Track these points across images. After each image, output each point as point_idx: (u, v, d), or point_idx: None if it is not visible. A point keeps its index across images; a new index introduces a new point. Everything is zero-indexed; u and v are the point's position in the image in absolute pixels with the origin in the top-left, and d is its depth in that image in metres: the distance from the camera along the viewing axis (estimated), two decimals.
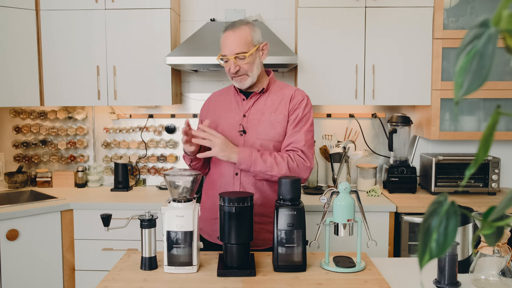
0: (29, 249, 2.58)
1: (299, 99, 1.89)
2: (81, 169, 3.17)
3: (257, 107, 1.90)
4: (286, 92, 1.92)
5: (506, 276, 1.39)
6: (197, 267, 1.57)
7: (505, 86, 2.79)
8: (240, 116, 1.90)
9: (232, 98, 1.96)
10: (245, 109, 1.90)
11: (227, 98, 1.98)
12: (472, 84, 0.52)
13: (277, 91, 1.93)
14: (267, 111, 1.88)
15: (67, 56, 2.92)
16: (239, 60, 1.81)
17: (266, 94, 1.92)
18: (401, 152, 2.99)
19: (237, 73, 1.83)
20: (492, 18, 0.53)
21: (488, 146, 0.56)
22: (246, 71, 1.83)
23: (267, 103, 1.90)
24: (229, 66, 1.83)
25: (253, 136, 1.86)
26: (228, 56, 1.81)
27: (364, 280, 1.50)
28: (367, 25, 2.82)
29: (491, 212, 0.58)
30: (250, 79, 1.85)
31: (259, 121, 1.87)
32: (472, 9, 2.83)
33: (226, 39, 1.83)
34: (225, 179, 1.88)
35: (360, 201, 1.61)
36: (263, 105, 1.90)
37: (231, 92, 1.99)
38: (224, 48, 1.83)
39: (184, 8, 3.20)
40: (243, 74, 1.84)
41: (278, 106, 1.89)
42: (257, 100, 1.91)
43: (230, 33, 1.82)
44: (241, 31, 1.81)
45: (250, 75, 1.85)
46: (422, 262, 0.59)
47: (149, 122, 3.25)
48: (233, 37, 1.81)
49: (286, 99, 1.90)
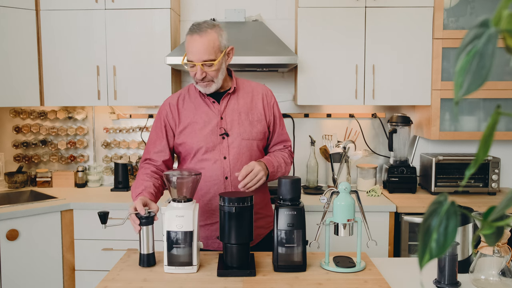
0: (29, 249, 2.58)
1: (272, 98, 1.97)
2: (81, 169, 3.17)
3: (231, 108, 1.87)
4: (254, 90, 1.94)
5: (506, 276, 1.39)
6: (197, 267, 1.57)
7: (505, 86, 2.79)
8: (218, 119, 1.85)
9: (200, 101, 1.89)
10: (220, 111, 1.86)
11: (194, 102, 1.89)
12: (472, 84, 0.52)
13: (244, 89, 1.93)
14: (243, 111, 1.87)
15: (67, 56, 2.92)
16: (206, 67, 1.76)
17: (235, 93, 1.90)
18: (401, 152, 2.99)
19: (203, 79, 1.79)
20: (492, 18, 0.53)
21: (488, 146, 0.56)
22: (212, 78, 1.79)
23: (240, 103, 1.89)
24: (195, 72, 1.78)
25: (236, 138, 1.84)
26: (195, 62, 1.75)
27: (364, 280, 1.50)
28: (367, 25, 2.82)
29: (491, 212, 0.58)
30: (215, 85, 1.82)
31: (238, 122, 1.86)
32: (472, 9, 2.83)
33: (192, 43, 1.74)
34: (215, 184, 1.85)
35: (360, 201, 1.61)
36: (236, 105, 1.88)
37: (195, 96, 1.91)
38: (190, 53, 1.75)
39: (184, 8, 3.20)
40: (209, 80, 1.80)
41: (251, 104, 1.90)
42: (229, 100, 1.89)
43: (197, 37, 1.73)
44: (208, 36, 1.74)
45: (215, 81, 1.81)
46: (422, 262, 0.59)
47: (149, 122, 3.25)
48: (200, 43, 1.73)
49: (257, 97, 1.92)
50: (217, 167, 1.83)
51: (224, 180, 1.84)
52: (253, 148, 1.87)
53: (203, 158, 1.85)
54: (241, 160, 1.85)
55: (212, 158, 1.84)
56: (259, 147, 1.90)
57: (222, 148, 1.84)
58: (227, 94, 1.88)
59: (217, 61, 1.76)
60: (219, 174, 1.84)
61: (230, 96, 1.89)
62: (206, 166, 1.84)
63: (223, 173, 1.84)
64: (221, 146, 1.84)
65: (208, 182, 1.85)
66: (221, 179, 1.84)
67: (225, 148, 1.84)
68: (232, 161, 1.84)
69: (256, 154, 1.89)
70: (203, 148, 1.84)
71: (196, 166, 1.86)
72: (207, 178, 1.84)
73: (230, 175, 1.84)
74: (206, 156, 1.84)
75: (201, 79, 1.78)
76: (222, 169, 1.83)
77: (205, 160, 1.84)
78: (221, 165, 1.83)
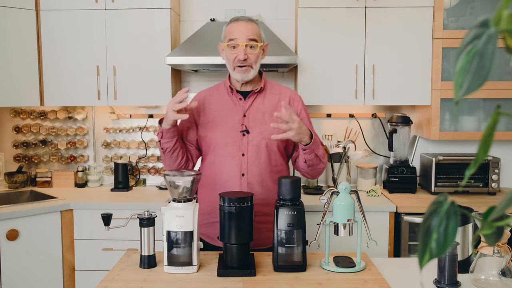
0: (29, 249, 2.58)
1: (300, 102, 1.95)
2: (81, 169, 3.17)
3: (256, 107, 1.89)
4: (282, 92, 1.94)
5: (506, 276, 1.39)
6: (197, 267, 1.57)
7: (505, 86, 2.79)
8: (240, 116, 1.88)
9: (227, 97, 1.92)
10: (244, 108, 1.89)
11: (221, 98, 1.93)
12: (472, 84, 0.52)
13: (271, 91, 1.94)
14: (267, 111, 1.88)
15: (67, 56, 2.92)
16: (249, 49, 1.81)
17: (262, 93, 1.92)
18: (401, 152, 2.99)
19: (244, 61, 1.80)
20: (492, 18, 0.53)
21: (488, 146, 0.56)
22: (251, 63, 1.82)
23: (266, 103, 1.90)
24: (236, 54, 1.80)
25: (257, 136, 1.85)
26: (239, 41, 1.79)
27: (364, 280, 1.50)
28: (367, 25, 2.82)
29: (491, 212, 0.58)
30: (253, 72, 1.84)
31: (261, 121, 1.86)
32: (472, 9, 2.83)
33: (238, 26, 1.81)
34: (231, 181, 1.85)
35: (360, 201, 1.61)
36: (262, 105, 1.89)
37: (223, 91, 1.94)
38: (234, 32, 1.80)
39: (184, 8, 3.20)
40: (249, 64, 1.82)
41: (277, 106, 1.89)
42: (255, 99, 1.90)
43: (243, 22, 1.82)
44: (253, 24, 1.84)
45: (254, 67, 1.84)
46: (422, 262, 0.59)
47: (149, 122, 3.25)
48: (246, 26, 1.81)
49: (285, 100, 1.91)
50: (235, 163, 1.84)
51: (240, 177, 1.84)
52: (272, 149, 1.87)
53: (222, 153, 1.86)
54: (259, 158, 1.85)
55: (230, 154, 1.85)
56: (279, 148, 1.89)
57: (242, 145, 1.85)
58: (254, 93, 1.90)
59: (259, 45, 1.82)
60: (236, 170, 1.84)
61: (256, 95, 1.91)
62: (224, 161, 1.85)
63: (240, 169, 1.84)
64: (241, 143, 1.85)
65: (224, 178, 1.85)
66: (237, 175, 1.84)
67: (244, 145, 1.85)
68: (250, 158, 1.84)
69: (275, 155, 1.88)
70: (223, 143, 1.85)
71: (216, 161, 1.87)
72: (224, 173, 1.85)
73: (246, 173, 1.84)
74: (225, 151, 1.85)
75: (243, 59, 1.79)
76: (239, 165, 1.84)
77: (224, 155, 1.85)
78: (238, 161, 1.84)
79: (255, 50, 1.81)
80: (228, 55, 1.84)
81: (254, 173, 1.84)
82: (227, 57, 1.85)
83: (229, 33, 1.83)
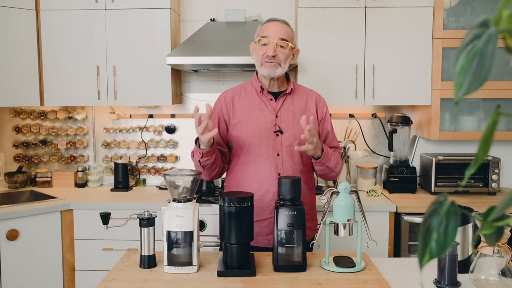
0: (29, 249, 2.58)
1: (325, 104, 2.01)
2: (81, 169, 3.17)
3: (287, 108, 1.91)
4: (309, 94, 1.99)
5: (506, 276, 1.39)
6: (197, 267, 1.57)
7: (505, 86, 2.79)
8: (273, 117, 1.89)
9: (257, 98, 1.93)
10: (275, 109, 1.90)
11: (250, 98, 1.94)
12: (472, 84, 0.52)
13: (299, 92, 1.98)
14: (298, 112, 1.91)
15: (67, 56, 2.92)
16: (279, 48, 1.83)
17: (291, 95, 1.95)
18: (401, 152, 2.99)
19: (273, 58, 1.83)
20: (492, 18, 0.53)
21: (488, 146, 0.56)
22: (280, 61, 1.84)
23: (295, 104, 1.93)
24: (265, 50, 1.83)
25: (290, 136, 1.87)
26: (271, 38, 1.82)
27: (364, 280, 1.50)
28: (367, 25, 2.82)
29: (491, 212, 0.58)
30: (280, 70, 1.86)
31: (293, 122, 1.89)
32: (472, 9, 2.83)
33: (272, 25, 1.86)
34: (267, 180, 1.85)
35: (360, 201, 1.61)
36: (291, 106, 1.92)
37: (251, 92, 1.95)
38: (268, 30, 1.85)
39: (184, 8, 3.20)
40: (277, 62, 1.84)
41: (306, 107, 1.94)
42: (285, 100, 1.93)
43: (278, 23, 1.86)
44: (287, 26, 1.88)
45: (282, 66, 1.86)
46: (422, 262, 0.59)
47: (149, 122, 3.25)
48: (280, 26, 1.85)
49: (311, 102, 1.96)
50: (271, 163, 1.86)
51: (277, 177, 1.86)
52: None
53: (257, 153, 1.87)
54: (293, 158, 1.88)
55: (265, 154, 1.86)
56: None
57: (276, 145, 1.87)
58: (284, 94, 1.92)
59: (290, 44, 1.85)
60: (272, 170, 1.86)
61: (286, 96, 1.93)
62: (259, 161, 1.87)
63: (276, 169, 1.86)
64: (275, 143, 1.87)
65: (261, 178, 1.86)
66: (274, 175, 1.86)
67: (278, 145, 1.87)
68: (285, 158, 1.87)
69: (305, 155, 1.90)
70: (257, 143, 1.87)
71: (249, 160, 1.88)
72: (260, 174, 1.87)
73: (282, 172, 1.86)
74: (259, 151, 1.87)
75: (272, 56, 1.82)
76: (275, 165, 1.86)
77: (258, 155, 1.87)
78: (274, 161, 1.86)
79: (285, 49, 1.84)
80: (258, 50, 1.87)
81: (289, 172, 1.87)
82: (257, 52, 1.88)
83: (263, 31, 1.87)
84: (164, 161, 3.24)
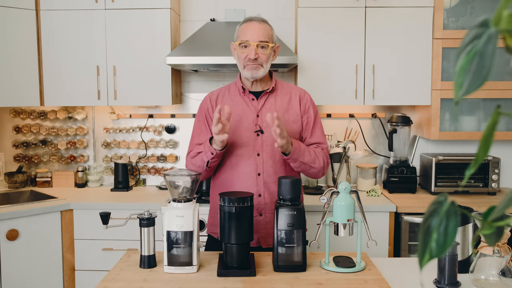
0: (29, 249, 2.58)
1: (308, 99, 1.98)
2: (81, 169, 3.17)
3: (269, 107, 1.91)
4: (293, 91, 1.97)
5: (506, 276, 1.39)
6: (197, 267, 1.57)
7: (505, 86, 2.79)
8: (254, 116, 1.89)
9: (239, 98, 1.94)
10: (257, 109, 1.91)
11: (233, 99, 1.95)
12: (472, 84, 0.52)
13: (283, 90, 1.97)
14: (280, 111, 1.90)
15: (67, 56, 2.92)
16: (260, 49, 1.84)
17: (274, 93, 1.94)
18: (401, 152, 2.99)
19: (255, 60, 1.83)
20: (492, 18, 0.53)
21: (488, 146, 0.56)
22: (262, 62, 1.85)
23: (277, 103, 1.92)
24: (246, 53, 1.84)
25: (271, 136, 1.86)
26: (251, 41, 1.82)
27: (364, 280, 1.50)
28: (367, 25, 2.82)
29: (491, 212, 0.58)
30: (263, 70, 1.86)
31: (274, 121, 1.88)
32: (472, 9, 2.83)
33: (250, 27, 1.85)
34: (247, 180, 1.86)
35: (360, 201, 1.61)
36: (274, 105, 1.92)
37: (235, 92, 1.96)
38: (246, 34, 1.84)
39: (184, 8, 3.20)
40: (259, 63, 1.85)
41: (289, 105, 1.93)
42: (267, 99, 1.92)
43: (256, 23, 1.86)
44: (266, 25, 1.88)
45: (264, 66, 1.86)
46: (422, 262, 0.59)
47: (149, 122, 3.25)
48: (258, 27, 1.85)
49: (295, 99, 1.95)
50: (251, 163, 1.86)
51: (257, 177, 1.86)
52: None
53: (238, 153, 1.87)
54: (274, 157, 1.87)
55: (246, 154, 1.86)
56: None
57: (257, 145, 1.87)
58: (265, 93, 1.92)
59: (271, 45, 1.85)
60: (252, 170, 1.86)
61: (268, 95, 1.93)
62: (239, 161, 1.87)
63: (256, 169, 1.86)
64: (256, 143, 1.87)
65: (242, 178, 1.87)
66: (254, 175, 1.86)
67: (259, 145, 1.87)
68: (266, 158, 1.86)
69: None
70: (238, 143, 1.87)
71: (231, 160, 1.89)
72: (240, 174, 1.87)
73: (262, 172, 1.86)
74: (240, 151, 1.87)
75: (254, 58, 1.82)
76: (255, 165, 1.86)
77: (239, 155, 1.87)
78: (254, 161, 1.86)
79: (266, 50, 1.84)
80: (239, 54, 1.87)
81: (269, 172, 1.86)
82: (238, 56, 1.88)
83: (242, 33, 1.87)
84: (164, 161, 3.24)
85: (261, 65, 1.85)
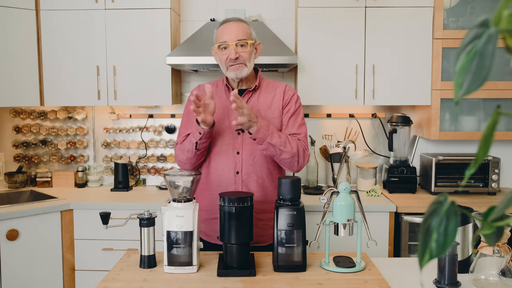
0: (29, 249, 2.58)
1: (290, 94, 1.94)
2: (81, 169, 3.17)
3: (251, 105, 1.89)
4: (277, 89, 1.95)
5: (506, 276, 1.39)
6: (197, 267, 1.57)
7: (505, 86, 2.79)
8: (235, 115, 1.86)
9: (224, 96, 1.93)
10: None
11: (219, 96, 1.94)
12: (472, 84, 0.52)
13: (267, 88, 1.95)
14: (262, 109, 1.89)
15: (67, 56, 2.92)
16: (240, 48, 1.82)
17: (257, 91, 1.93)
18: (401, 152, 2.99)
19: (236, 60, 1.81)
20: (492, 18, 0.53)
21: (488, 146, 0.56)
22: (244, 60, 1.83)
23: (260, 101, 1.91)
24: (227, 54, 1.82)
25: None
26: (229, 42, 1.81)
27: (364, 280, 1.50)
28: (367, 25, 2.82)
29: (491, 212, 0.58)
30: (247, 69, 1.84)
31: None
32: (472, 9, 2.83)
33: (227, 28, 1.84)
34: (225, 178, 1.86)
35: (360, 201, 1.61)
36: (256, 103, 1.90)
37: (221, 89, 1.95)
38: (224, 35, 1.83)
39: (184, 8, 3.20)
40: (241, 62, 1.83)
41: (272, 102, 1.91)
42: (250, 98, 1.91)
43: (232, 23, 1.84)
44: (242, 23, 1.87)
45: (248, 65, 1.84)
46: (422, 262, 0.59)
47: (149, 122, 3.25)
48: (235, 26, 1.83)
49: (278, 95, 1.92)
50: (230, 161, 1.85)
51: (235, 175, 1.85)
52: None
53: (218, 151, 1.87)
54: (253, 156, 1.86)
55: (225, 153, 1.86)
56: None
57: (236, 143, 1.86)
58: (248, 92, 1.91)
59: (249, 42, 1.83)
60: (230, 168, 1.85)
61: (251, 94, 1.92)
62: (218, 159, 1.86)
63: (234, 167, 1.85)
64: (236, 141, 1.86)
65: (220, 176, 1.87)
66: (232, 173, 1.85)
67: (239, 144, 1.86)
68: (245, 156, 1.85)
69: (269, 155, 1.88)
70: (218, 141, 1.86)
71: (211, 158, 1.88)
72: (218, 171, 1.87)
73: (241, 171, 1.85)
74: (220, 149, 1.86)
75: (234, 58, 1.80)
76: (234, 163, 1.85)
77: (219, 153, 1.87)
78: (233, 159, 1.85)
79: (245, 48, 1.82)
80: (220, 57, 1.85)
81: (248, 171, 1.85)
82: (220, 58, 1.86)
83: (219, 35, 1.85)
84: (164, 161, 3.24)
85: (244, 64, 1.83)
